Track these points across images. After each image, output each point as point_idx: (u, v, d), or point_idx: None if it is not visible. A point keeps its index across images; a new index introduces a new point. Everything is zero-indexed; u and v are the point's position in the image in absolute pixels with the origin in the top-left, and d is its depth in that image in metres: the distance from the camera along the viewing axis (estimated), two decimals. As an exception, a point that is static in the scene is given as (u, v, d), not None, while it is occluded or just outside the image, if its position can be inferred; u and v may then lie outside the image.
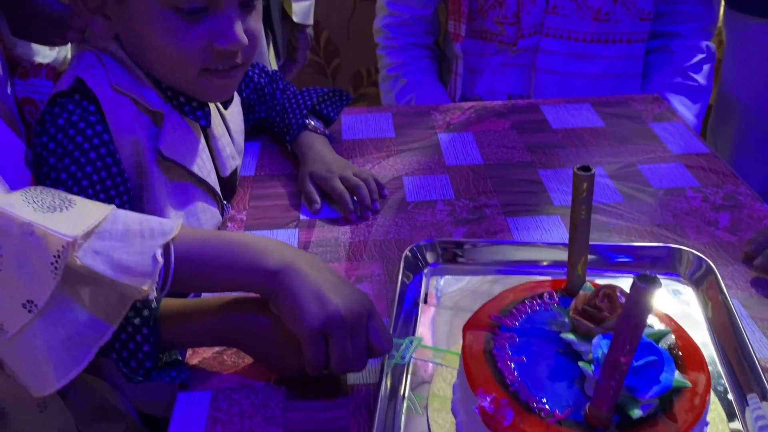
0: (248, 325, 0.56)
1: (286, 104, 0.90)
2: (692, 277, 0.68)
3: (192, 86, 0.67)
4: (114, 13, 0.64)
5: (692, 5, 1.25)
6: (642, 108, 1.04)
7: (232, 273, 0.53)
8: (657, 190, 0.84)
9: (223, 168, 0.77)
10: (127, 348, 0.54)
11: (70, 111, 0.63)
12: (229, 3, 0.62)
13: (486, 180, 0.86)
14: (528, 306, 0.57)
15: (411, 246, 0.71)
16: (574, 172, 0.54)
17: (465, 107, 1.05)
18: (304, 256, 0.56)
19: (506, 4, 1.18)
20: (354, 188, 0.80)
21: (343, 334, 0.52)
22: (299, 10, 1.33)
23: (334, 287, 0.53)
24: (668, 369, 0.48)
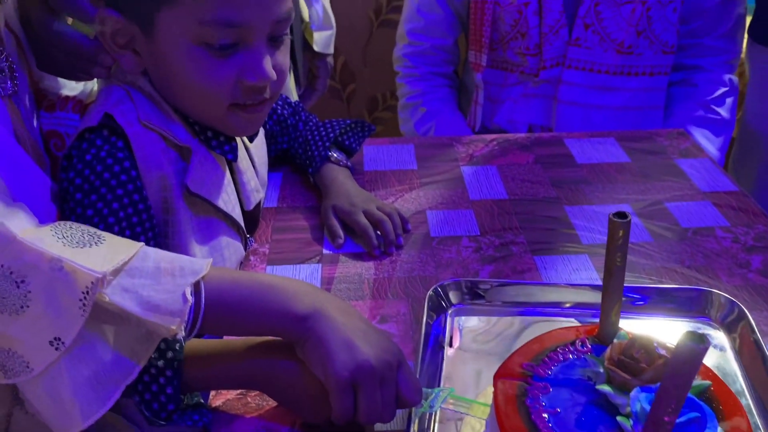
0: (274, 370, 0.55)
1: (309, 136, 0.90)
2: (724, 321, 0.66)
3: (220, 121, 0.66)
4: (143, 48, 0.63)
5: (715, 39, 1.24)
6: (667, 143, 1.03)
7: (261, 317, 0.52)
8: (686, 230, 0.82)
9: (247, 202, 0.76)
10: (149, 390, 0.53)
11: (98, 147, 0.63)
12: (258, 38, 0.62)
13: (512, 216, 0.85)
14: (560, 354, 0.56)
15: (435, 286, 0.69)
16: (610, 219, 0.53)
17: (488, 139, 1.04)
18: (334, 301, 0.55)
19: (528, 35, 1.18)
20: (378, 223, 0.79)
21: (372, 386, 0.51)
22: (320, 40, 1.33)
23: (364, 335, 0.52)
24: (711, 425, 0.47)
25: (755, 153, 1.29)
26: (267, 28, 0.62)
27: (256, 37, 0.62)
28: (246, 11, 0.60)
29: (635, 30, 1.16)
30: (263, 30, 0.61)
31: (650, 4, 1.15)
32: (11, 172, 0.54)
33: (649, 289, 0.69)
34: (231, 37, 0.61)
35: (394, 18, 1.94)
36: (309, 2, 1.30)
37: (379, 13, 2.00)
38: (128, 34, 0.63)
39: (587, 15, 1.15)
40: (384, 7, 1.99)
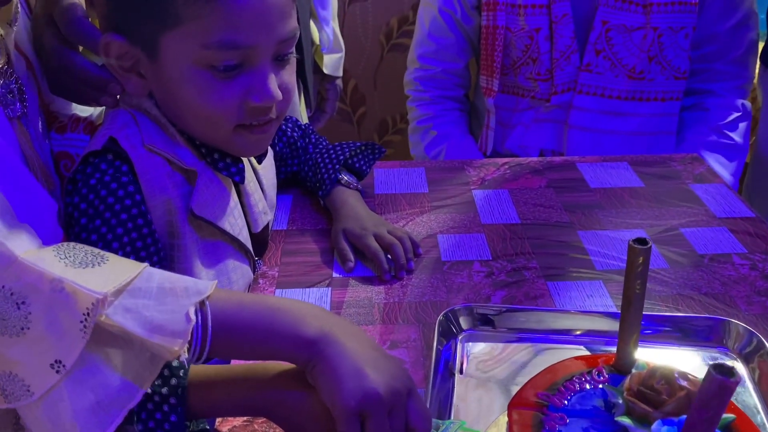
0: (280, 397, 0.53)
1: (318, 159, 0.89)
2: (742, 351, 0.65)
3: (227, 142, 0.66)
4: (148, 71, 0.63)
5: (727, 64, 1.24)
6: (681, 168, 1.02)
7: (268, 340, 0.51)
8: (702, 256, 0.81)
9: (255, 224, 0.75)
10: (153, 418, 0.51)
11: (102, 171, 0.62)
12: (263, 59, 0.61)
13: (524, 240, 0.84)
14: (577, 383, 0.54)
15: (446, 311, 0.68)
16: (630, 245, 0.52)
17: (499, 163, 1.04)
18: (344, 324, 0.53)
19: (539, 60, 1.18)
20: (389, 247, 0.78)
21: (380, 415, 0.49)
22: (330, 63, 1.34)
23: (374, 362, 0.50)
24: None
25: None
26: (272, 48, 0.61)
27: (260, 58, 0.61)
28: (250, 33, 0.59)
29: (647, 56, 1.16)
30: (268, 50, 0.61)
31: (662, 30, 1.15)
32: (16, 194, 0.53)
33: (664, 317, 0.68)
34: (235, 58, 0.60)
35: (404, 42, 1.95)
36: (320, 26, 1.31)
37: (389, 38, 2.01)
38: (133, 58, 0.63)
39: (598, 41, 1.15)
40: (395, 31, 2.00)
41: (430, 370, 0.61)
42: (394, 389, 0.49)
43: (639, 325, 0.55)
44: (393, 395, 0.49)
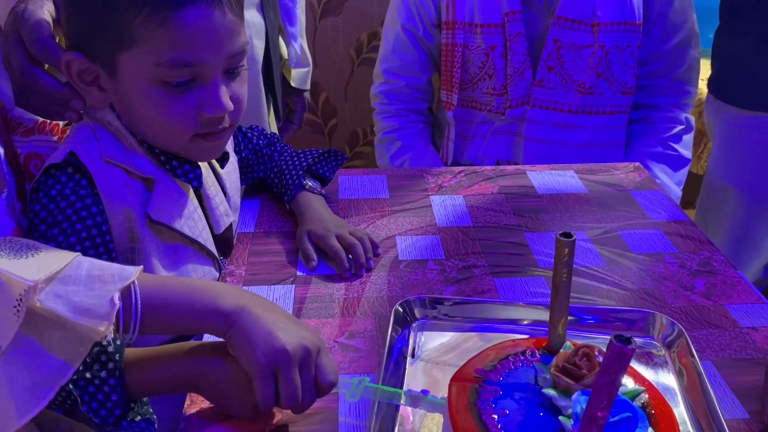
0: (205, 366, 0.59)
1: (283, 165, 0.95)
2: (665, 340, 0.71)
3: (184, 149, 0.72)
4: (108, 86, 0.69)
5: (671, 80, 1.33)
6: (623, 176, 1.10)
7: (190, 314, 0.57)
8: (637, 256, 0.88)
9: (216, 225, 0.80)
10: (96, 399, 0.56)
11: (62, 183, 0.68)
12: (214, 74, 0.67)
13: (475, 242, 0.91)
14: (511, 362, 0.60)
15: (401, 301, 0.74)
16: (557, 238, 0.58)
17: (456, 171, 1.11)
18: (257, 299, 0.60)
19: (495, 76, 1.25)
20: (350, 247, 0.84)
21: (289, 370, 0.56)
22: (297, 76, 1.40)
23: (284, 326, 0.57)
24: (642, 426, 0.51)
25: (722, 204, 1.33)
26: (222, 64, 0.67)
27: (211, 73, 0.67)
28: (199, 52, 0.65)
29: (595, 72, 1.25)
30: (218, 66, 0.67)
31: (609, 48, 1.24)
32: None
33: (599, 309, 0.75)
34: (187, 75, 0.66)
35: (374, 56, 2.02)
36: (288, 41, 1.38)
37: (360, 52, 2.08)
38: (93, 74, 0.68)
39: (550, 58, 1.24)
40: (365, 46, 2.07)
41: (383, 355, 0.67)
42: (302, 347, 0.56)
43: (566, 310, 0.62)
44: (301, 352, 0.56)
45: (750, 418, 0.62)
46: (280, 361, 0.55)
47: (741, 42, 1.20)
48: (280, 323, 0.57)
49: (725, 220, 1.33)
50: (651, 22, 1.27)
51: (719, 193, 1.33)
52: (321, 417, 0.63)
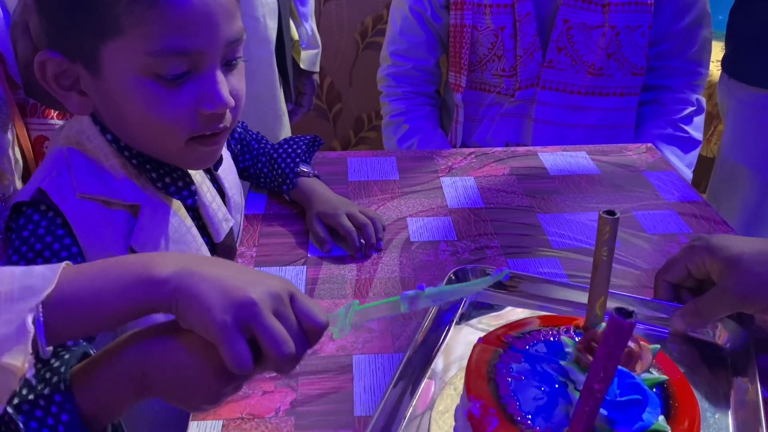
0: (150, 348, 0.47)
1: (274, 155, 0.91)
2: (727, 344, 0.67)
3: (178, 156, 0.64)
4: (90, 88, 0.61)
5: (682, 61, 1.31)
6: (636, 157, 1.08)
7: (119, 293, 0.44)
8: (651, 236, 0.87)
9: (216, 234, 0.75)
10: (45, 425, 0.45)
11: (35, 223, 0.60)
12: (211, 64, 0.59)
13: (487, 222, 0.90)
14: (542, 334, 0.59)
15: (455, 269, 0.74)
16: (600, 215, 0.57)
17: (466, 153, 1.09)
18: (200, 258, 0.48)
19: (505, 57, 1.24)
20: (361, 227, 0.83)
21: (264, 317, 0.44)
22: (307, 58, 1.39)
23: (240, 276, 0.45)
24: (652, 411, 0.50)
25: (734, 185, 1.31)
26: (219, 52, 0.60)
27: (208, 63, 0.59)
28: (196, 37, 0.57)
29: (605, 53, 1.23)
30: (215, 55, 0.59)
31: (619, 28, 1.22)
32: None
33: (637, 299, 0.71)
34: (182, 65, 0.58)
35: (379, 40, 2.01)
36: (299, 22, 1.37)
37: (364, 36, 2.07)
38: (72, 75, 0.60)
39: (560, 39, 1.22)
40: (369, 29, 2.06)
41: (427, 317, 0.67)
42: (269, 293, 0.45)
43: (606, 290, 0.59)
44: (270, 298, 0.45)
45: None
46: (245, 313, 0.43)
47: (757, 19, 1.18)
48: (235, 274, 0.45)
49: (738, 201, 1.31)
50: (662, 2, 1.26)
51: (732, 174, 1.31)
52: (336, 396, 0.63)
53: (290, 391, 0.63)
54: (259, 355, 0.45)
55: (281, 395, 0.63)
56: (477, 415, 0.50)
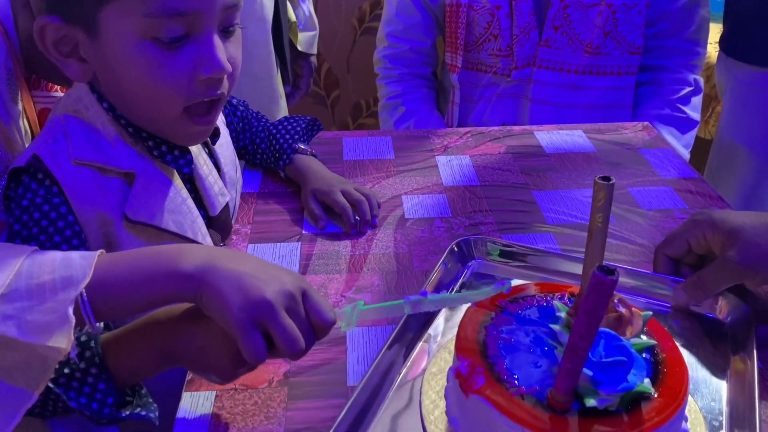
0: (178, 330, 0.54)
1: (274, 131, 0.91)
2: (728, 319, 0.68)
3: (172, 127, 0.65)
4: (89, 53, 0.61)
5: (679, 41, 1.30)
6: (632, 135, 1.08)
7: (150, 285, 0.51)
8: (647, 212, 0.87)
9: (212, 207, 0.74)
10: (83, 393, 0.51)
11: (33, 191, 0.62)
12: (209, 28, 0.60)
13: (482, 200, 0.90)
14: (536, 300, 0.59)
15: (458, 240, 0.75)
16: (595, 181, 0.56)
17: (462, 132, 1.09)
18: (224, 252, 0.54)
19: (501, 37, 1.23)
20: (356, 203, 0.83)
21: (278, 317, 0.50)
22: (304, 40, 1.39)
23: (259, 275, 0.51)
24: (637, 373, 0.50)
25: (733, 163, 1.31)
26: (216, 15, 0.60)
27: (206, 27, 0.59)
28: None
29: (602, 31, 1.22)
30: (213, 18, 0.60)
31: (616, 6, 1.21)
32: None
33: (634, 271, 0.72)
34: (180, 28, 0.58)
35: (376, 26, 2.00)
36: (296, 3, 1.36)
37: (362, 21, 2.06)
38: (72, 41, 0.60)
39: (556, 17, 1.21)
40: (367, 15, 2.05)
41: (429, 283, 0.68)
42: (283, 293, 0.50)
43: (601, 257, 0.59)
44: (283, 296, 0.50)
45: None
46: (261, 312, 0.49)
47: (754, -3, 1.18)
48: (253, 273, 0.51)
49: (735, 180, 1.31)
50: (659, -20, 1.25)
51: (729, 154, 1.31)
52: (329, 367, 0.63)
53: (284, 363, 0.63)
54: (272, 345, 0.51)
55: (275, 367, 0.63)
56: (464, 373, 0.50)
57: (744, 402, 0.56)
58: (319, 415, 0.58)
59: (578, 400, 0.48)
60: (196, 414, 0.58)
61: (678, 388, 0.50)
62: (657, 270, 0.71)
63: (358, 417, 0.56)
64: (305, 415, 0.58)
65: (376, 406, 0.57)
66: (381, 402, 0.58)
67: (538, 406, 0.48)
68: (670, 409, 0.49)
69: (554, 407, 0.48)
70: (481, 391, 0.50)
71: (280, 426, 0.57)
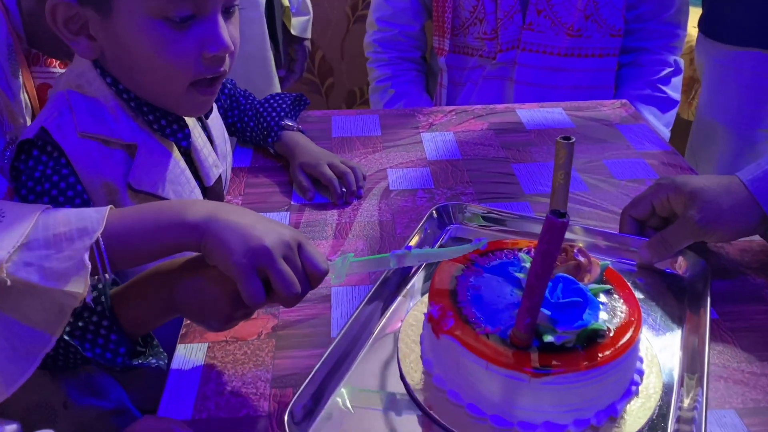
0: (180, 277, 0.57)
1: (261, 108, 0.96)
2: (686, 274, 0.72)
3: (177, 101, 0.69)
4: (99, 31, 0.65)
5: (660, 23, 1.34)
6: (610, 112, 1.12)
7: (159, 236, 0.54)
8: (620, 181, 0.91)
9: (207, 178, 0.79)
10: (97, 344, 0.56)
11: (43, 163, 0.66)
12: (214, 8, 0.64)
13: (463, 172, 0.94)
14: (504, 254, 0.64)
15: (437, 206, 0.80)
16: (557, 141, 0.61)
17: (447, 110, 1.13)
18: (225, 206, 0.57)
19: (486, 20, 1.27)
20: (342, 175, 0.87)
21: (276, 263, 0.53)
22: (298, 24, 1.43)
23: (257, 225, 0.55)
24: (592, 313, 0.54)
25: (712, 141, 1.36)
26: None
27: (211, 7, 0.64)
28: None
29: (583, 14, 1.26)
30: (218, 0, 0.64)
31: (597, -10, 1.25)
32: None
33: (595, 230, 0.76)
34: (188, 8, 0.62)
35: (368, 14, 2.04)
36: (288, -12, 1.40)
37: (355, 9, 2.10)
38: (81, 20, 0.64)
39: (539, 1, 1.25)
40: (360, 3, 2.08)
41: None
42: (281, 241, 0.54)
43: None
44: (281, 245, 0.54)
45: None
46: (260, 258, 0.53)
47: (731, -23, 1.22)
48: (253, 223, 0.55)
49: (715, 157, 1.35)
50: (640, -35, 1.29)
51: (709, 131, 1.35)
52: (314, 321, 0.67)
53: (272, 318, 0.68)
54: (270, 291, 0.54)
55: (264, 321, 0.67)
56: (436, 316, 0.55)
57: (695, 347, 0.61)
58: (303, 363, 0.62)
59: (538, 337, 0.53)
60: (190, 363, 0.63)
61: (630, 327, 0.55)
62: (623, 230, 0.76)
63: (337, 362, 0.60)
64: (291, 363, 0.62)
65: (355, 353, 0.62)
66: (360, 350, 0.62)
67: (501, 344, 0.53)
68: (622, 345, 0.53)
69: (516, 344, 0.53)
70: (451, 332, 0.54)
71: (267, 372, 0.61)
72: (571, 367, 0.52)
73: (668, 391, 0.58)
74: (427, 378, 0.58)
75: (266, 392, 0.59)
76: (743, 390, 0.59)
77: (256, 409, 0.58)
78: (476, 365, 0.53)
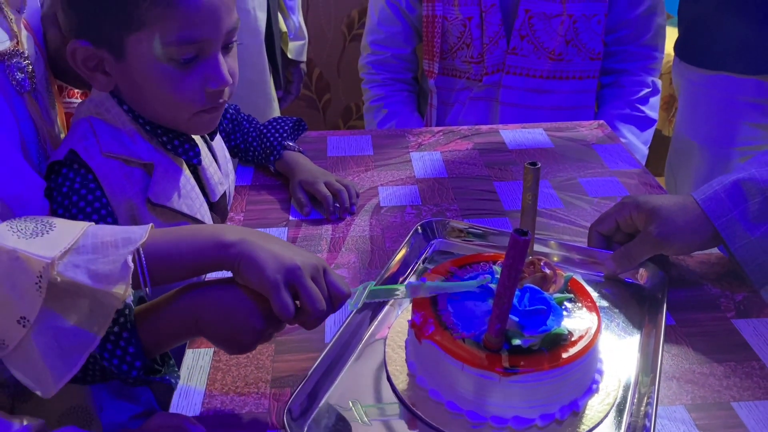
0: (200, 297, 0.60)
1: (264, 130, 1.04)
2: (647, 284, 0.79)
3: (186, 124, 0.78)
4: (113, 69, 0.73)
5: (639, 46, 1.42)
6: (588, 132, 1.20)
7: (196, 254, 0.58)
8: (593, 199, 0.99)
9: (212, 194, 0.87)
10: (115, 355, 0.59)
11: (71, 179, 0.74)
12: (215, 48, 0.73)
13: (449, 190, 1.01)
14: (481, 266, 0.71)
15: (422, 222, 0.87)
16: (525, 166, 0.68)
17: (435, 131, 1.21)
18: (256, 232, 0.62)
19: (472, 45, 1.35)
20: (336, 192, 0.95)
21: (306, 281, 0.58)
22: (294, 49, 1.51)
23: (286, 249, 0.60)
24: (555, 319, 0.61)
25: (688, 158, 1.43)
26: (221, 39, 0.73)
27: (212, 48, 0.73)
28: (203, 29, 0.71)
29: (564, 39, 1.34)
30: (218, 41, 0.73)
31: (576, 17, 1.33)
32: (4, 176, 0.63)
33: (563, 244, 0.84)
34: (192, 51, 0.71)
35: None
36: (287, 15, 1.49)
37: (351, 28, 2.18)
38: (98, 59, 0.72)
39: (522, 27, 1.33)
40: (356, 22, 2.17)
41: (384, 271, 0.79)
42: (310, 263, 0.60)
43: (532, 230, 0.71)
44: (310, 267, 0.59)
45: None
46: (292, 275, 0.57)
47: (703, 4, 1.29)
48: (282, 248, 0.60)
49: (691, 174, 1.43)
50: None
51: (686, 150, 1.43)
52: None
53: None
54: (296, 309, 0.59)
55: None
56: (418, 322, 0.62)
57: (650, 350, 0.68)
58: (300, 365, 0.69)
59: (507, 341, 0.60)
60: (198, 366, 0.70)
61: (589, 331, 0.62)
62: (591, 245, 0.83)
63: (330, 365, 0.67)
64: (289, 366, 0.69)
65: (346, 357, 0.69)
66: (351, 354, 0.69)
67: (476, 347, 0.60)
68: (582, 348, 0.60)
69: (489, 347, 0.60)
70: (431, 336, 0.61)
71: (267, 374, 0.68)
72: (537, 367, 0.59)
73: (626, 389, 0.65)
74: (411, 379, 0.65)
75: (267, 392, 0.66)
76: (693, 388, 0.66)
77: (257, 407, 0.65)
78: (454, 366, 0.60)
